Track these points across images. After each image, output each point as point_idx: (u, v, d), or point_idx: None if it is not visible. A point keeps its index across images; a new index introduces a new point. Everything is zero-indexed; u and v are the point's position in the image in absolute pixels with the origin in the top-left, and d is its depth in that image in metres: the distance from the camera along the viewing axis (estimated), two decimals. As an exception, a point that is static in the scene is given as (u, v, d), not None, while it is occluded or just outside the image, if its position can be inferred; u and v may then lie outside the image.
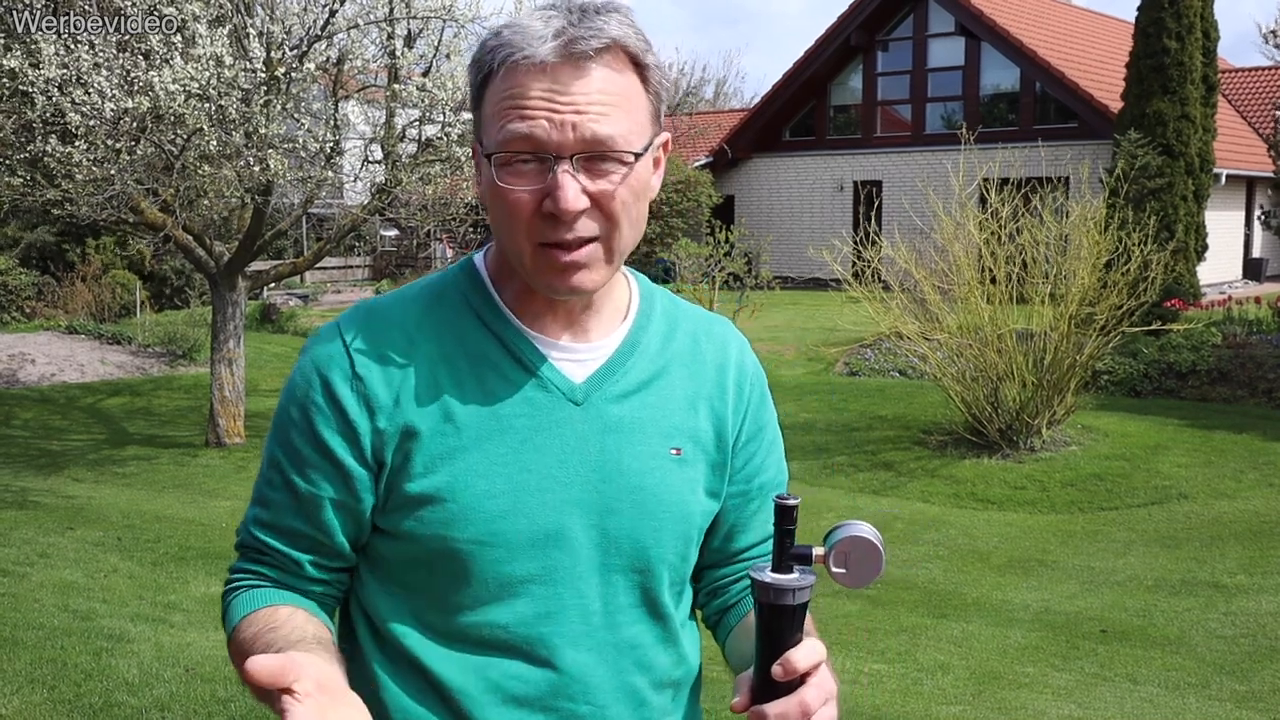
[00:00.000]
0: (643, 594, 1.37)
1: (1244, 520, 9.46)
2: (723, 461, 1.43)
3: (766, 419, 1.51)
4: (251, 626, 1.30)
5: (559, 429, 1.33)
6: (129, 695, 4.74)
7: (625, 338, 1.40)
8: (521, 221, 1.26)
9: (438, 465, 1.30)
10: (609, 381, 1.37)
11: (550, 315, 1.36)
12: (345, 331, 1.34)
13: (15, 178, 10.51)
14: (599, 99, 1.25)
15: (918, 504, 10.39)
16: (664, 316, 1.45)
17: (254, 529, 1.36)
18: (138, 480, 11.28)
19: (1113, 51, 23.12)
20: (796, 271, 23.62)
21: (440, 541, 1.30)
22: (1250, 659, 6.45)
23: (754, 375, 1.51)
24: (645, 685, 1.38)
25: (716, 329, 1.50)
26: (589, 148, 1.24)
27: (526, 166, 1.25)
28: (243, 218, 13.62)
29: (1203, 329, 14.09)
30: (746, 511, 1.48)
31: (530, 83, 1.24)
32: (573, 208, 1.24)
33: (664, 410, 1.39)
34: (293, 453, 1.32)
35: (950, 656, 6.41)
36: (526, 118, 1.24)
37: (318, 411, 1.31)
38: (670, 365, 1.41)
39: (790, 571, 1.16)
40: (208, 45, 9.60)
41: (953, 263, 11.48)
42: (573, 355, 1.36)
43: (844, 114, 26.28)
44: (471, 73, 1.32)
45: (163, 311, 21.69)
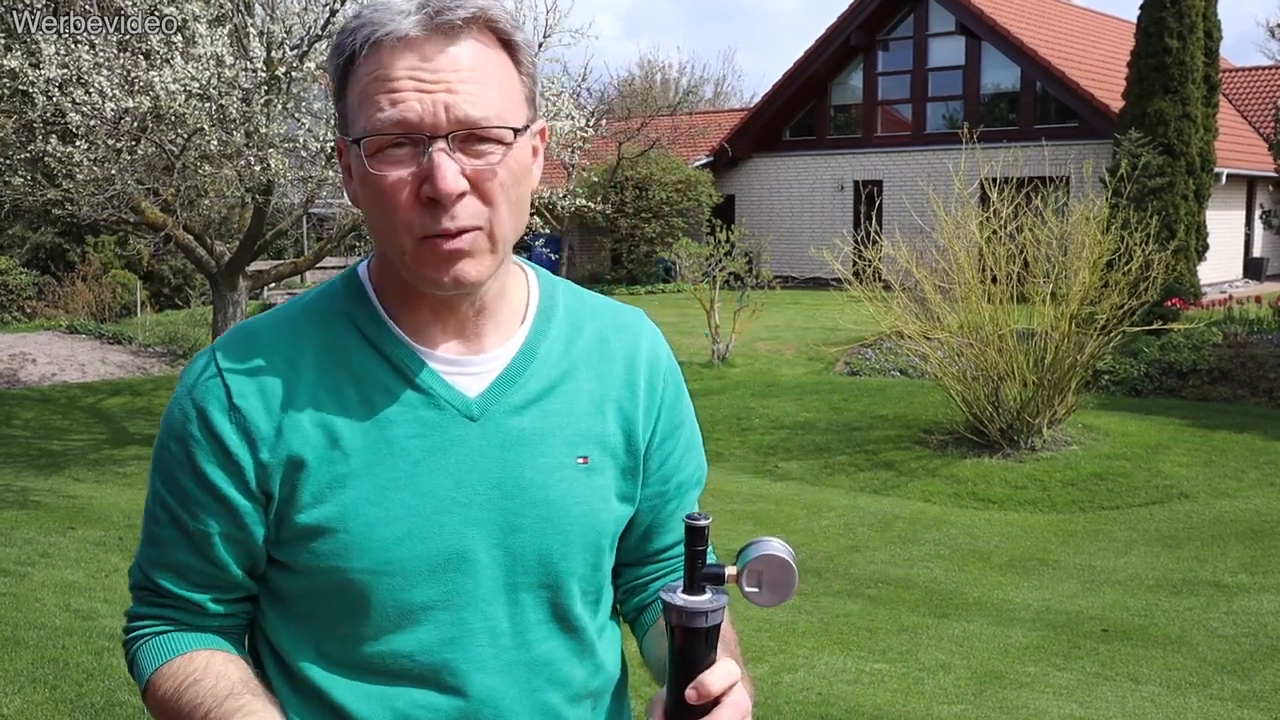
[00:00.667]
0: (553, 609, 1.33)
1: (1245, 519, 9.46)
2: (634, 465, 1.37)
3: (682, 416, 1.44)
4: (169, 680, 1.26)
5: (455, 447, 1.27)
6: (131, 695, 4.74)
7: (523, 344, 1.33)
8: (399, 213, 1.19)
9: (327, 495, 1.24)
10: (507, 393, 1.30)
11: (440, 325, 1.29)
12: (221, 359, 1.27)
13: (16, 178, 10.52)
14: (469, 76, 1.18)
15: (919, 503, 10.39)
16: (567, 315, 1.38)
17: (148, 570, 1.30)
18: (139, 480, 11.27)
19: (1114, 51, 23.11)
20: (797, 271, 23.62)
21: (335, 573, 1.24)
22: (1252, 658, 6.45)
23: (667, 371, 1.43)
24: (561, 701, 1.34)
25: (628, 324, 1.42)
26: (464, 126, 1.17)
27: (399, 151, 1.18)
28: (243, 217, 13.62)
29: (1203, 328, 14.08)
30: (664, 512, 1.43)
31: (395, 60, 1.17)
32: (452, 189, 1.16)
33: (568, 418, 1.32)
34: (176, 488, 1.26)
35: (951, 656, 6.40)
36: (395, 99, 1.16)
37: (197, 445, 1.24)
38: (574, 368, 1.35)
39: (703, 593, 1.12)
40: (208, 45, 9.59)
41: (953, 262, 11.48)
42: (466, 368, 1.29)
43: (844, 113, 26.27)
44: (332, 60, 1.23)
45: (163, 311, 21.70)
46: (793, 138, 26.69)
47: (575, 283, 1.45)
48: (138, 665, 1.31)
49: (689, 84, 41.08)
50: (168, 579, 1.29)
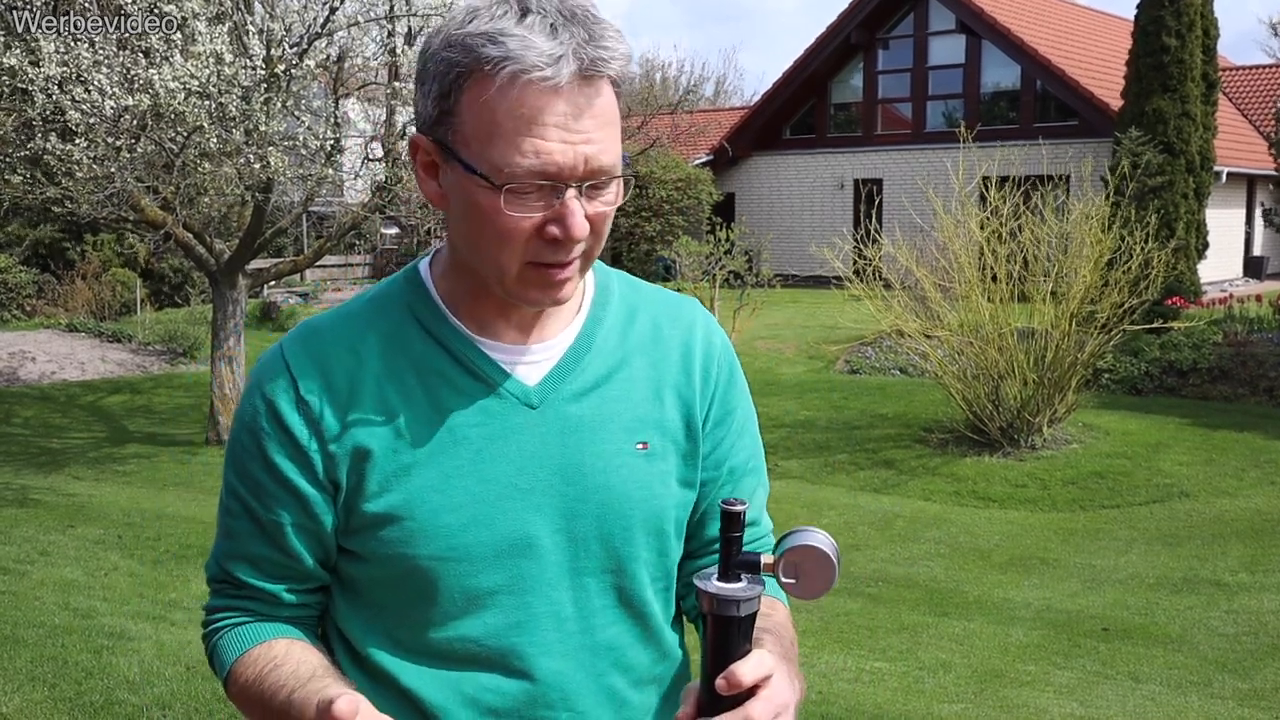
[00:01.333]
0: (618, 594, 1.34)
1: (1245, 518, 9.45)
2: (694, 450, 1.39)
3: (736, 401, 1.46)
4: (250, 668, 1.30)
5: (515, 435, 1.30)
6: (130, 693, 4.73)
7: (579, 333, 1.36)
8: (518, 244, 1.22)
9: (392, 484, 1.27)
10: (565, 381, 1.33)
11: (502, 320, 1.33)
12: (288, 355, 1.31)
13: (16, 176, 10.51)
14: (605, 123, 1.22)
15: (919, 502, 10.39)
16: (622, 304, 1.41)
17: (224, 564, 1.35)
18: (138, 478, 11.27)
19: (1113, 49, 23.10)
20: (797, 269, 23.61)
21: (403, 560, 1.27)
22: (1252, 657, 6.45)
23: (722, 356, 1.45)
24: (625, 685, 1.35)
25: (682, 311, 1.45)
26: (596, 176, 1.21)
27: (530, 193, 1.20)
28: (243, 215, 13.61)
29: (1204, 327, 14.08)
30: (717, 498, 1.43)
31: (545, 105, 1.17)
32: (582, 234, 1.21)
33: (626, 404, 1.35)
34: (248, 480, 1.31)
35: (952, 654, 6.40)
36: (541, 149, 1.18)
37: (267, 438, 1.29)
38: (630, 356, 1.37)
39: (737, 580, 1.10)
40: (208, 43, 9.58)
41: (954, 261, 11.48)
42: (525, 357, 1.32)
43: (844, 112, 26.26)
44: (443, 66, 1.21)
45: (163, 309, 21.69)
46: (793, 136, 26.68)
47: None
48: (218, 656, 1.34)
49: (689, 83, 41.01)
50: (244, 571, 1.33)
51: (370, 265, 28.29)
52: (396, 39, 11.43)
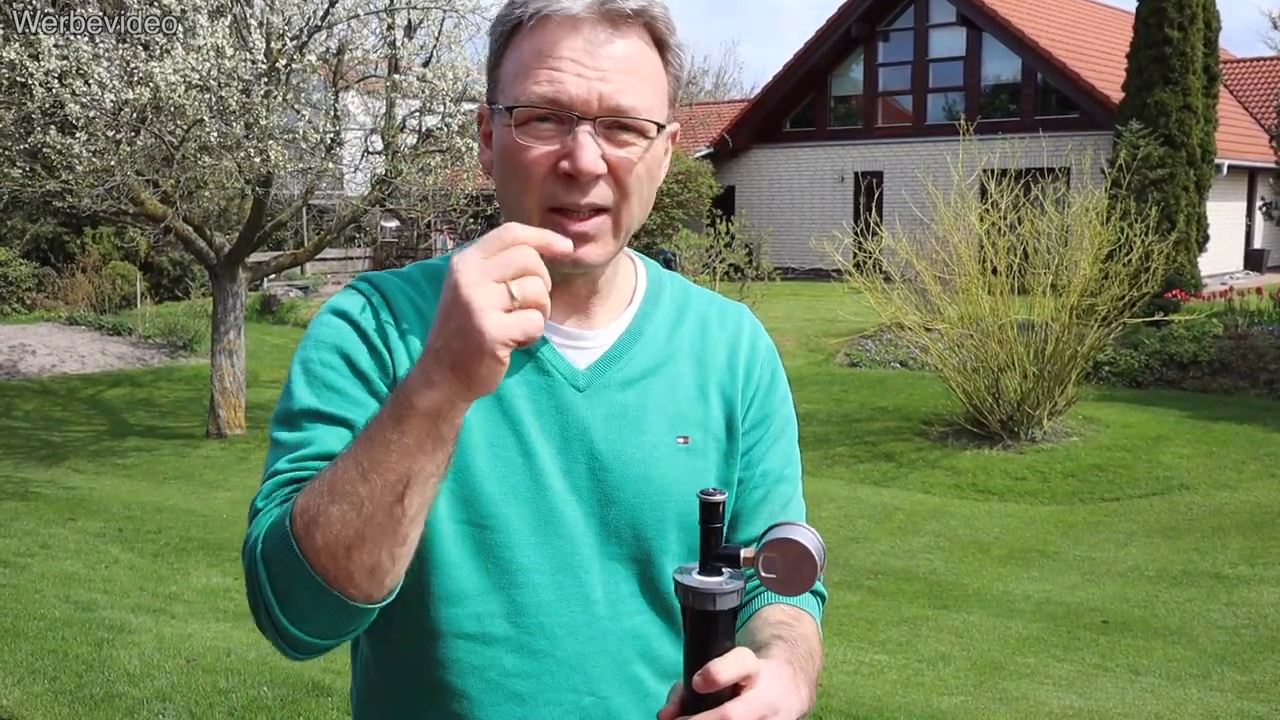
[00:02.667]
0: (646, 584, 1.33)
1: (1245, 511, 9.46)
2: (734, 450, 1.39)
3: (775, 406, 1.45)
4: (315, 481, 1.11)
5: (561, 415, 1.30)
6: (130, 686, 4.74)
7: (630, 324, 1.37)
8: (534, 182, 1.23)
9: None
10: (613, 368, 1.33)
11: (554, 301, 1.28)
12: (368, 292, 1.31)
13: (15, 169, 10.50)
14: (626, 67, 1.22)
15: (919, 495, 10.39)
16: (672, 303, 1.42)
17: (284, 465, 1.20)
18: (138, 471, 11.28)
19: (1114, 42, 23.06)
20: (797, 262, 23.59)
21: (440, 524, 1.25)
22: (1252, 649, 6.46)
23: (765, 360, 1.46)
24: (649, 676, 1.34)
25: (730, 312, 1.46)
26: (613, 113, 1.22)
27: (545, 126, 1.22)
28: (243, 209, 13.61)
29: (1204, 320, 14.07)
30: (750, 500, 1.42)
31: (561, 38, 1.21)
32: (592, 169, 1.20)
33: (670, 398, 1.35)
34: (333, 391, 1.24)
35: (951, 647, 6.41)
36: (554, 77, 1.21)
37: (353, 347, 1.26)
38: (678, 353, 1.38)
39: (718, 574, 1.07)
40: (208, 36, 9.58)
41: (954, 254, 11.47)
42: (576, 342, 1.33)
43: (845, 105, 26.23)
44: (495, 29, 1.28)
45: (163, 303, 21.69)
46: (793, 129, 26.65)
47: None
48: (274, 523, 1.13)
49: (688, 75, 40.98)
50: (317, 463, 1.18)
51: (370, 259, 28.29)
52: (396, 31, 11.41)
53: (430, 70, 11.33)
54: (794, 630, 1.34)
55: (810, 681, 1.26)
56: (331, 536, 1.08)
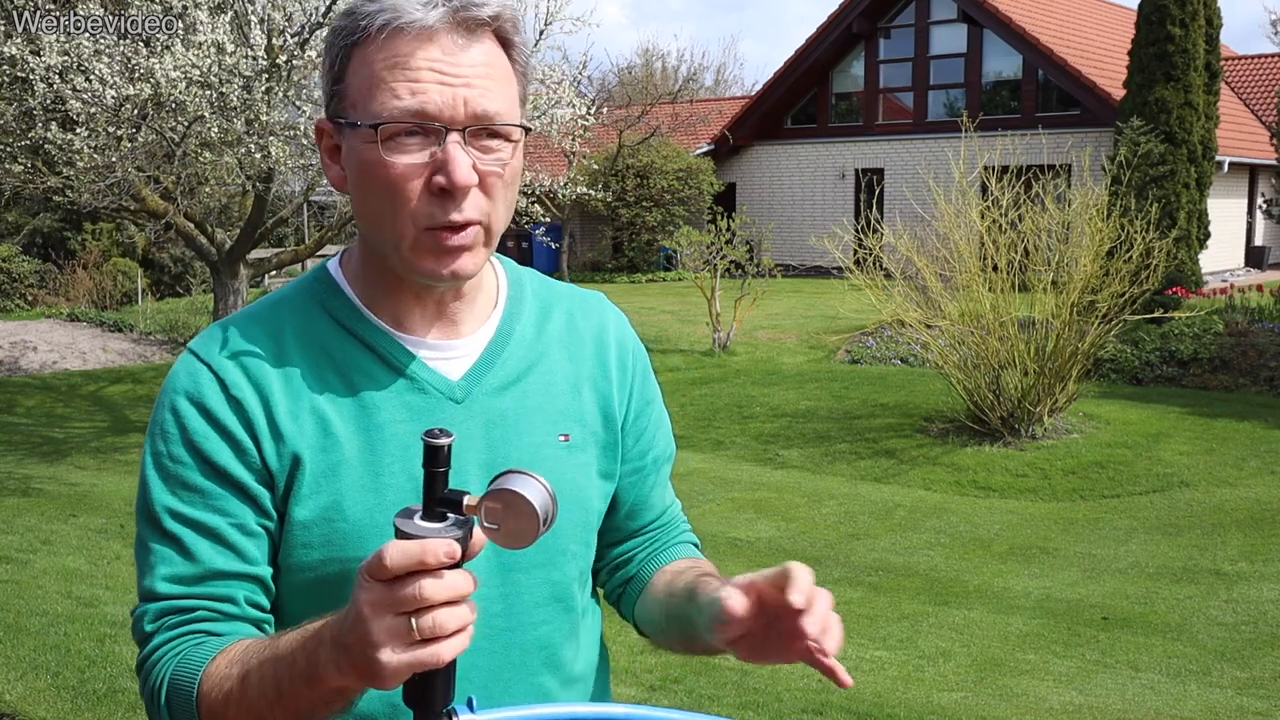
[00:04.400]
0: (549, 589, 1.32)
1: (1245, 508, 9.46)
2: (613, 441, 1.39)
3: (652, 393, 1.47)
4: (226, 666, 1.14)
5: None
6: (132, 682, 4.75)
7: (498, 327, 1.35)
8: (407, 202, 1.19)
9: (323, 484, 1.23)
10: (487, 375, 1.31)
11: (419, 311, 1.30)
12: (207, 357, 1.26)
13: (16, 165, 10.51)
14: (485, 73, 1.20)
15: (919, 491, 10.40)
16: (535, 299, 1.40)
17: (166, 588, 1.20)
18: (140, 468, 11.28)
19: (1115, 38, 23.06)
20: (798, 259, 23.60)
21: (335, 564, 1.23)
22: (1251, 646, 6.46)
23: (635, 349, 1.45)
24: (555, 684, 1.33)
25: (592, 306, 1.45)
26: (479, 122, 1.19)
27: (411, 140, 1.18)
28: (244, 205, 13.61)
29: (1204, 317, 14.07)
30: (644, 487, 1.45)
31: (416, 50, 1.18)
32: (467, 182, 1.17)
33: (547, 397, 1.34)
34: (189, 492, 1.22)
35: (952, 643, 6.42)
36: (415, 89, 1.17)
37: (205, 440, 1.22)
38: (548, 350, 1.37)
39: (440, 519, 1.01)
40: (209, 32, 9.58)
41: (954, 250, 11.47)
42: (445, 353, 1.30)
43: (846, 101, 26.22)
44: (334, 38, 1.22)
45: (164, 299, 21.69)
46: (794, 125, 26.64)
47: (576, 271, 1.45)
48: (173, 689, 1.17)
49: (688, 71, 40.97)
50: (194, 585, 1.21)
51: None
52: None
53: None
54: (706, 567, 1.38)
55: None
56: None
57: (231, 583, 1.22)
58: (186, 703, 1.15)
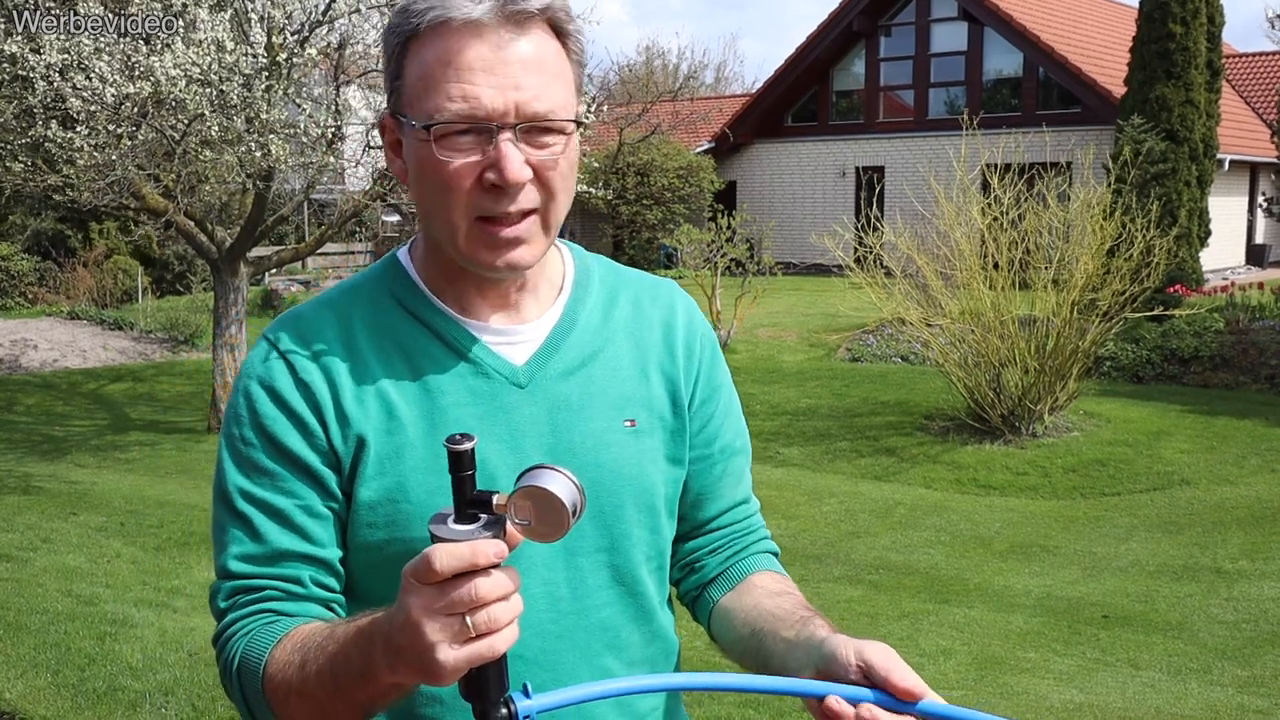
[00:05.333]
0: (613, 572, 1.33)
1: (1246, 506, 9.46)
2: (681, 427, 1.39)
3: (720, 380, 1.46)
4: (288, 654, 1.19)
5: (506, 414, 1.29)
6: (132, 680, 4.75)
7: (562, 313, 1.36)
8: (460, 195, 1.22)
9: (387, 466, 1.26)
10: (551, 360, 1.33)
11: (481, 299, 1.32)
12: (279, 342, 1.30)
13: (16, 163, 10.50)
14: (537, 69, 1.21)
15: (920, 489, 10.40)
16: (602, 286, 1.41)
17: (237, 566, 1.26)
18: (140, 466, 11.29)
19: (1117, 36, 23.03)
20: (799, 257, 23.59)
21: (398, 544, 1.25)
22: (1252, 644, 6.46)
23: (704, 335, 1.46)
24: (618, 666, 1.34)
25: (661, 291, 1.46)
26: (530, 120, 1.21)
27: (465, 139, 1.20)
28: (244, 203, 13.61)
29: (1205, 315, 14.07)
30: (711, 477, 1.44)
31: (465, 47, 1.19)
32: (519, 178, 1.20)
33: (612, 382, 1.35)
34: (260, 474, 1.27)
35: (952, 641, 6.42)
36: (467, 91, 1.19)
37: (274, 423, 1.27)
38: (614, 335, 1.38)
39: (473, 520, 1.04)
40: (209, 30, 9.57)
41: (955, 248, 11.46)
42: (510, 338, 1.32)
43: (846, 99, 26.21)
44: (390, 38, 1.25)
45: (164, 297, 21.69)
46: (795, 123, 26.62)
47: None
48: (242, 664, 1.23)
49: (689, 69, 40.96)
50: (264, 565, 1.26)
51: (371, 253, 28.28)
52: (397, 26, 11.39)
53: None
54: (798, 598, 1.37)
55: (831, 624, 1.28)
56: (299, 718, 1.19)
57: (298, 564, 1.26)
58: (254, 682, 1.21)
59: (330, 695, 1.13)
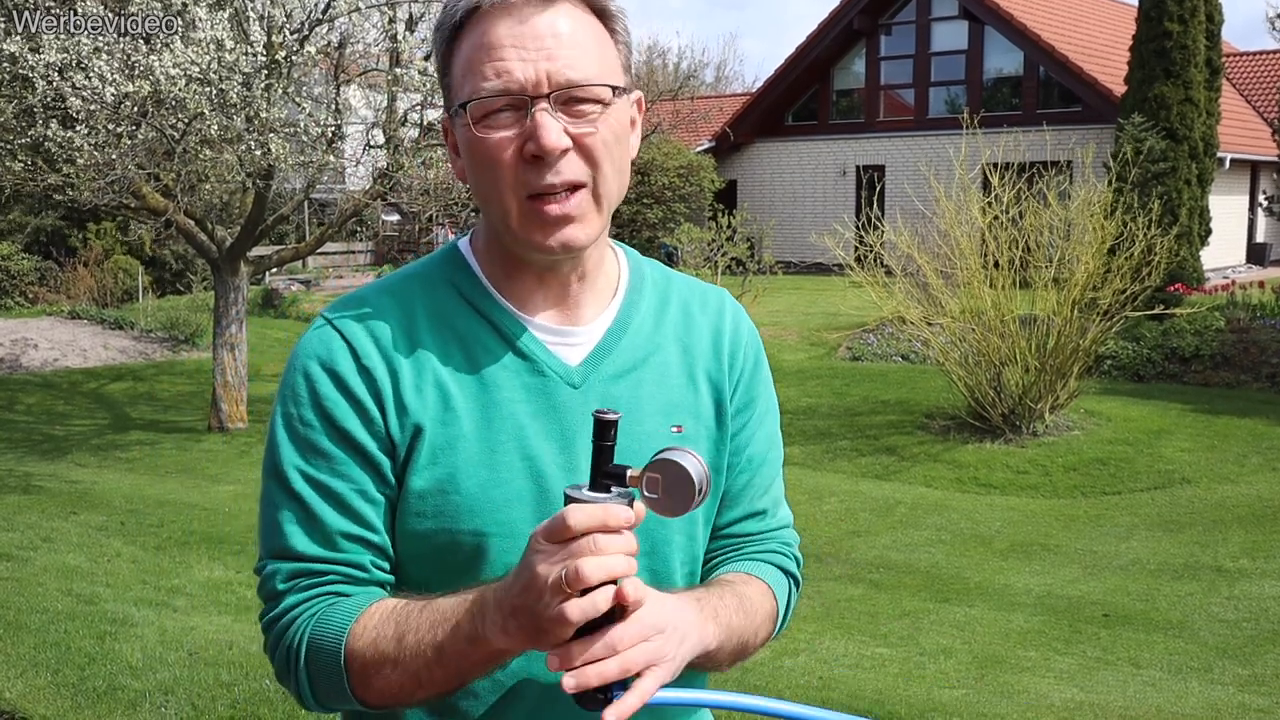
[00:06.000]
0: (650, 576, 1.32)
1: (1247, 504, 9.46)
2: (723, 436, 1.40)
3: (759, 391, 1.46)
4: (383, 621, 1.20)
5: (558, 413, 1.30)
6: (132, 679, 4.75)
7: (617, 315, 1.37)
8: (505, 172, 1.22)
9: (440, 456, 1.26)
10: (605, 362, 1.33)
11: (542, 292, 1.33)
12: (341, 325, 1.29)
13: (16, 163, 10.50)
14: (568, 40, 1.22)
15: (920, 488, 10.39)
16: (655, 290, 1.42)
17: (300, 547, 1.25)
18: (140, 465, 11.29)
19: (1117, 35, 23.01)
20: (799, 256, 23.58)
21: (446, 535, 1.26)
22: (1253, 643, 6.46)
23: (749, 344, 1.46)
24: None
25: (711, 298, 1.46)
26: (564, 88, 1.21)
27: (503, 116, 1.22)
28: (244, 202, 13.60)
29: (1206, 313, 14.06)
30: (735, 485, 1.43)
31: (496, 26, 1.21)
32: (556, 145, 1.20)
33: (662, 387, 1.36)
34: (318, 455, 1.26)
35: (953, 640, 6.41)
36: (499, 67, 1.21)
37: (335, 406, 1.26)
38: (665, 341, 1.39)
39: (606, 491, 1.10)
40: (208, 29, 9.56)
41: (955, 247, 11.46)
42: (565, 338, 1.33)
43: (847, 98, 26.19)
44: (438, 40, 1.28)
45: (165, 296, 21.70)
46: (795, 122, 26.61)
47: None
48: (322, 632, 1.22)
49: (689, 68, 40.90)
50: (324, 547, 1.26)
51: (372, 252, 28.29)
52: (398, 25, 11.40)
53: (432, 64, 11.30)
54: (732, 586, 1.36)
55: (724, 625, 1.28)
56: (388, 694, 1.21)
57: (359, 547, 1.26)
58: (331, 661, 1.21)
59: (430, 664, 1.16)
